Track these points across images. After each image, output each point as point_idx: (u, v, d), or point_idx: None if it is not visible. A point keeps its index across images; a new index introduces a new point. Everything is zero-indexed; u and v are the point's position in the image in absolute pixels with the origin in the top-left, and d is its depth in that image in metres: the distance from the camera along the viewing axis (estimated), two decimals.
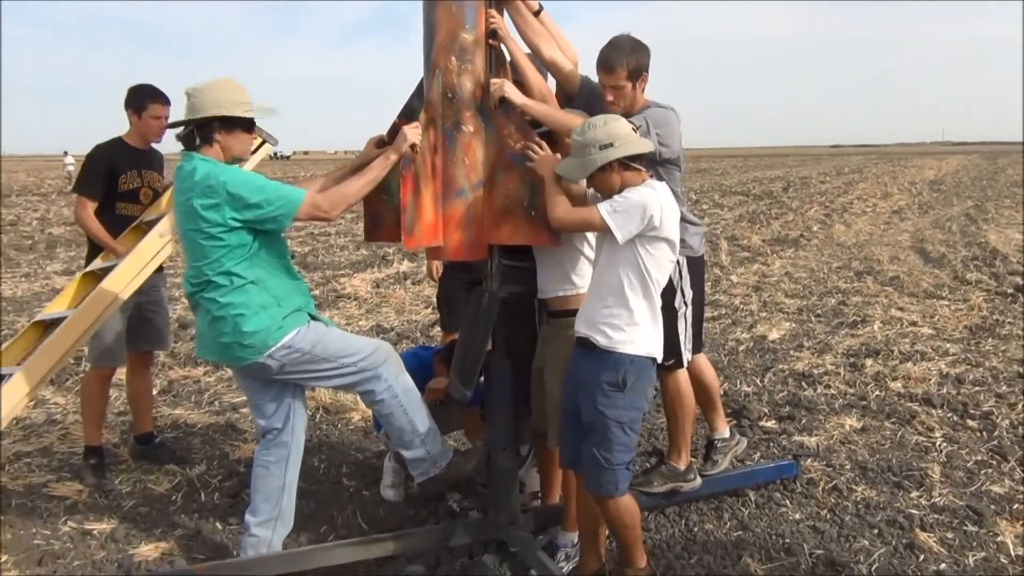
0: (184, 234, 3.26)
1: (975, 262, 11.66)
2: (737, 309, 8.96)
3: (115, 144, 4.50)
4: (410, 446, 3.51)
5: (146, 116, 4.44)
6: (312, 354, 3.29)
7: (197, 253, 3.20)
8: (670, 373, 3.83)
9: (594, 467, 3.04)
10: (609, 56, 3.48)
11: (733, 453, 4.22)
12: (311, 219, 3.26)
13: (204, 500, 4.29)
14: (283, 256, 3.38)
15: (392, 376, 3.42)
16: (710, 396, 4.15)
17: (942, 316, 8.32)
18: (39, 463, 4.75)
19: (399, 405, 3.44)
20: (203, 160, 3.20)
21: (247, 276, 3.19)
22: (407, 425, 3.47)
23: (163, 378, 6.39)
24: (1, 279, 11.28)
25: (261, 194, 3.13)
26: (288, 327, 3.24)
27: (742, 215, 19.58)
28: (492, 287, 3.42)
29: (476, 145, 3.28)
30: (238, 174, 3.18)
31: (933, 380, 6.12)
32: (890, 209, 21.16)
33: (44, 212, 22.57)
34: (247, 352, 3.21)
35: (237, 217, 3.12)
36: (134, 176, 4.46)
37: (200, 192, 3.12)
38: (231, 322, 3.18)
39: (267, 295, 3.23)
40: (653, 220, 2.93)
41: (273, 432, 3.47)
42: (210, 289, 3.20)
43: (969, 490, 4.31)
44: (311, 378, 3.42)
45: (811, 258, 12.65)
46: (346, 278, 11.10)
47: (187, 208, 3.16)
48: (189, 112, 3.24)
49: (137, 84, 4.51)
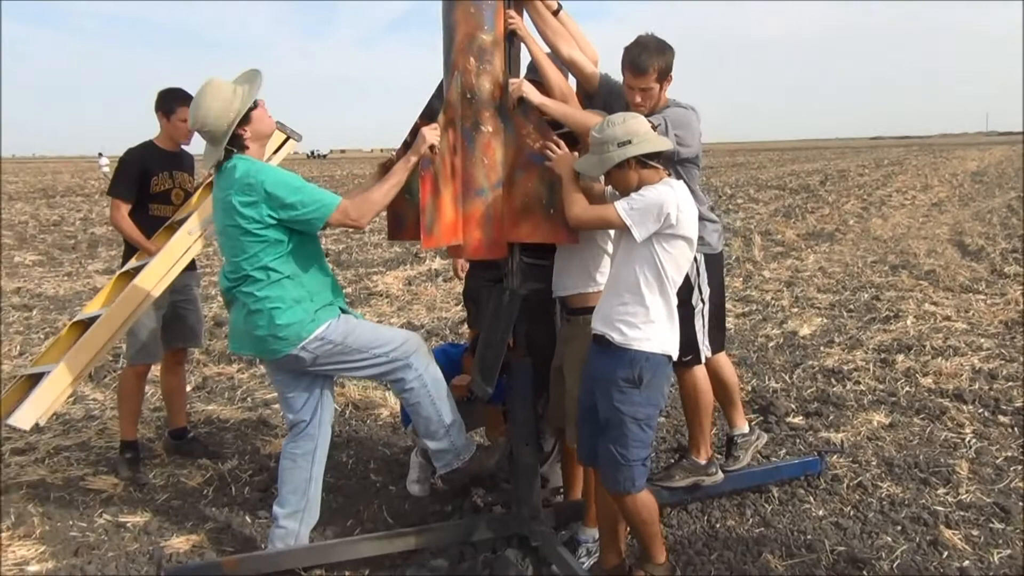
0: (222, 230, 3.34)
1: (1014, 255, 11.44)
2: (768, 305, 8.90)
3: (146, 147, 4.63)
4: (435, 436, 3.57)
5: (174, 119, 4.55)
6: (344, 345, 3.37)
7: (235, 248, 3.28)
8: (687, 369, 3.85)
9: (611, 463, 3.07)
10: (639, 58, 3.48)
11: (754, 448, 4.22)
12: (341, 225, 3.32)
13: (235, 494, 4.40)
14: (317, 253, 3.46)
15: (422, 366, 3.50)
16: (729, 393, 4.15)
17: (977, 311, 8.19)
18: (77, 457, 4.90)
19: (427, 395, 3.51)
20: (242, 159, 3.29)
21: (283, 271, 3.28)
22: (434, 415, 3.54)
23: (197, 375, 6.53)
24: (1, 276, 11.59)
25: (297, 195, 3.20)
26: (320, 320, 3.33)
27: (777, 209, 19.39)
28: (513, 285, 3.46)
29: (495, 145, 3.32)
30: (277, 173, 3.25)
31: (965, 376, 6.04)
32: (929, 202, 20.82)
33: (87, 212, 23.05)
34: (281, 344, 3.30)
35: (273, 215, 3.20)
36: (165, 178, 4.58)
37: (239, 189, 3.20)
38: (267, 315, 3.26)
39: (302, 289, 3.32)
40: (670, 218, 2.94)
41: (301, 424, 3.55)
42: (248, 283, 3.29)
43: (998, 487, 4.27)
44: (344, 368, 3.49)
45: (846, 252, 12.51)
46: (379, 276, 11.22)
47: (226, 204, 3.25)
48: (213, 143, 3.27)
49: (166, 88, 4.62)
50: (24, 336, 8.03)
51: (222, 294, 3.48)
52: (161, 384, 5.08)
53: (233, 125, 3.23)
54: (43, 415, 3.80)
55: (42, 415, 3.79)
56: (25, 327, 8.45)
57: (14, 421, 3.72)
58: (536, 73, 3.52)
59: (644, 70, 3.48)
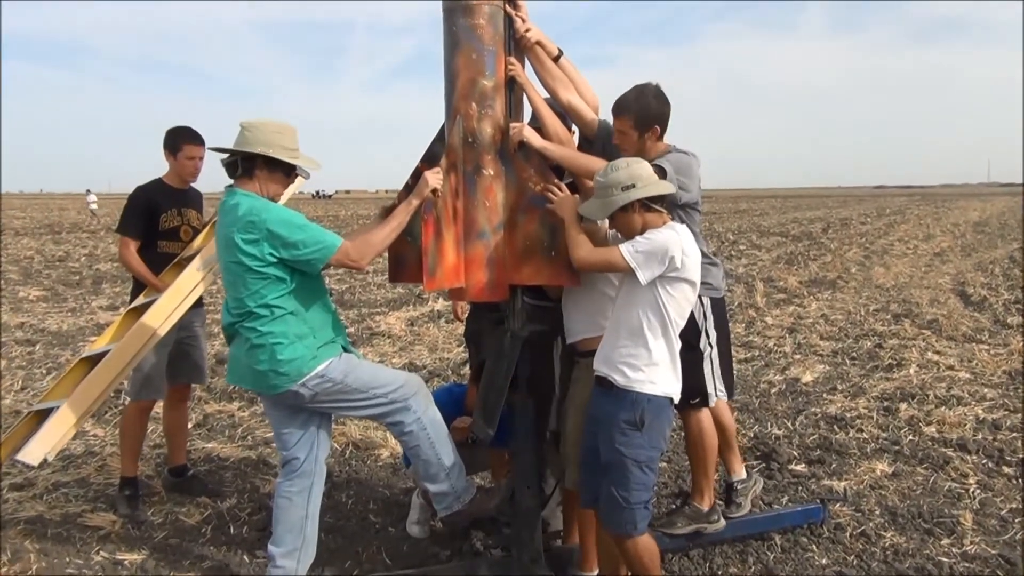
0: (225, 266, 3.38)
1: (1017, 305, 11.45)
2: (771, 351, 8.90)
3: (155, 184, 4.69)
4: (435, 479, 3.55)
5: (181, 157, 4.63)
6: (344, 384, 3.37)
7: (238, 284, 3.31)
8: (693, 413, 3.84)
9: (612, 506, 3.05)
10: (619, 101, 3.59)
11: (752, 493, 4.20)
12: (342, 266, 3.35)
13: (233, 533, 4.37)
14: (321, 290, 3.48)
15: (421, 408, 3.49)
16: (727, 437, 4.14)
17: (981, 360, 8.17)
18: (76, 493, 4.88)
19: (427, 438, 3.49)
20: (246, 195, 3.33)
21: (286, 307, 3.30)
22: (433, 458, 3.52)
23: (199, 412, 6.52)
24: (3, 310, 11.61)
25: (300, 234, 3.23)
26: (322, 357, 3.34)
27: (780, 256, 19.46)
28: (514, 327, 3.47)
29: (496, 188, 3.36)
30: (280, 212, 3.28)
31: (969, 425, 6.02)
32: (932, 251, 20.88)
33: (92, 248, 23.18)
34: (281, 380, 3.30)
35: (275, 254, 3.24)
36: (174, 215, 4.63)
37: (242, 227, 3.24)
38: (269, 350, 3.28)
39: (304, 326, 3.33)
40: (675, 261, 2.97)
41: (295, 462, 3.53)
42: (251, 319, 3.30)
43: (1003, 538, 4.23)
44: (343, 407, 3.49)
45: (848, 300, 12.52)
46: (381, 316, 11.23)
47: (228, 241, 3.29)
48: (238, 143, 3.37)
49: (174, 126, 4.69)
50: (27, 371, 8.03)
51: (224, 328, 3.49)
52: (163, 420, 5.06)
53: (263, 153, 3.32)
54: (51, 451, 3.80)
55: (50, 451, 3.79)
56: (28, 362, 8.46)
57: (23, 456, 3.72)
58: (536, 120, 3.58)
59: (618, 112, 3.59)
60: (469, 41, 3.28)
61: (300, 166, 3.46)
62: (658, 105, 3.61)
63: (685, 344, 3.77)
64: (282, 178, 3.45)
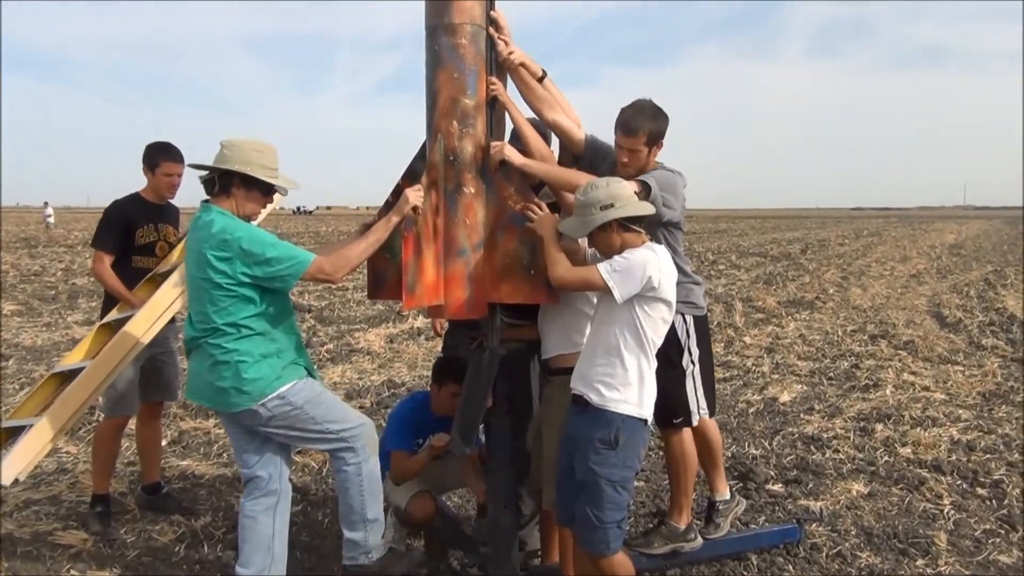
0: (193, 280, 3.36)
1: (991, 327, 11.59)
2: (749, 371, 8.94)
3: (132, 199, 4.66)
4: (352, 527, 3.53)
5: (159, 173, 4.60)
6: (302, 410, 3.37)
7: (204, 300, 3.30)
8: (676, 431, 3.85)
9: (586, 525, 3.05)
10: (631, 119, 3.59)
11: (733, 515, 4.21)
12: (315, 280, 3.35)
13: (207, 551, 4.31)
14: (288, 311, 3.48)
15: (364, 456, 3.49)
16: (713, 456, 4.15)
17: (955, 382, 8.25)
18: (47, 511, 4.80)
19: (358, 484, 3.48)
20: (221, 213, 3.32)
21: (254, 327, 3.30)
22: (358, 507, 3.50)
23: (174, 429, 6.45)
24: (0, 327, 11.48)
25: (273, 251, 3.23)
26: (286, 378, 3.34)
27: (758, 276, 19.59)
28: (492, 344, 3.47)
29: (477, 206, 3.37)
30: (253, 232, 3.29)
31: (943, 447, 6.07)
32: (908, 273, 21.10)
33: (69, 263, 22.94)
34: (242, 399, 3.29)
35: (247, 272, 3.23)
36: (150, 230, 4.60)
37: (214, 244, 3.23)
38: (233, 367, 3.26)
39: (271, 345, 3.33)
40: (652, 281, 2.99)
41: (258, 480, 3.50)
42: (216, 335, 3.29)
43: (976, 559, 4.26)
44: (293, 435, 3.47)
45: (826, 321, 12.62)
46: (360, 332, 11.19)
47: (199, 257, 3.28)
48: (217, 160, 3.37)
49: (153, 142, 4.65)
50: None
51: (185, 342, 3.46)
52: (136, 438, 5.01)
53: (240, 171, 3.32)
54: (24, 470, 3.74)
55: (23, 470, 3.74)
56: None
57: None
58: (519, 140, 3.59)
59: (634, 131, 3.58)
60: (451, 60, 3.30)
61: (277, 185, 3.46)
62: (664, 121, 3.67)
63: (667, 362, 3.79)
64: (259, 197, 3.45)
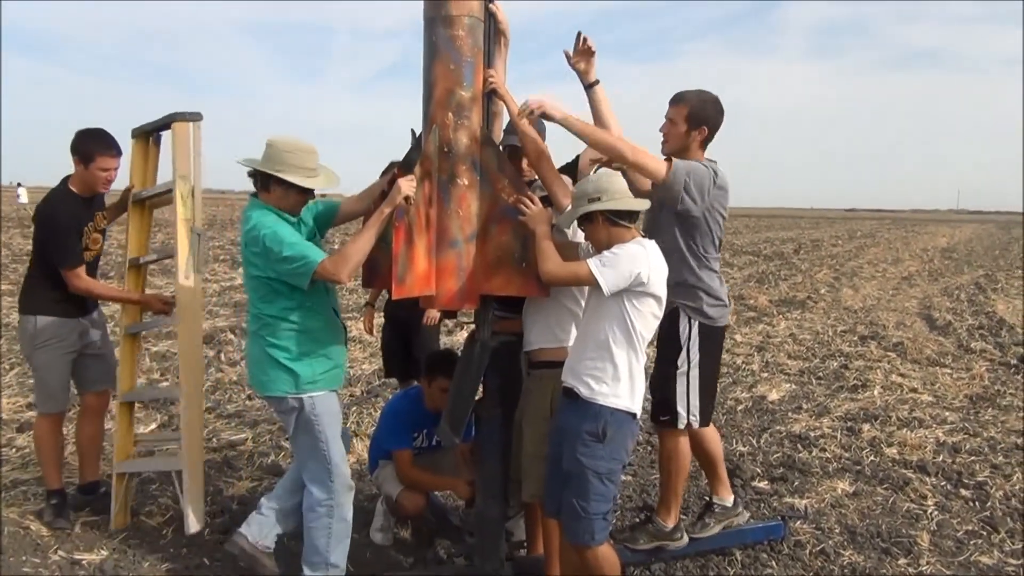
0: (245, 272, 3.49)
1: (980, 331, 11.64)
2: (739, 368, 8.98)
3: (68, 201, 4.24)
4: (313, 567, 3.57)
5: (93, 167, 4.17)
6: (314, 423, 3.45)
7: (254, 292, 3.44)
8: (670, 433, 3.87)
9: (572, 516, 3.08)
10: (681, 92, 3.73)
11: (728, 523, 4.19)
12: (326, 280, 3.37)
13: (194, 535, 4.32)
14: (325, 308, 3.54)
15: (339, 500, 3.53)
16: (713, 466, 4.16)
17: (943, 384, 8.31)
18: (35, 491, 4.78)
19: (327, 527, 3.53)
20: (258, 208, 3.42)
21: (296, 323, 3.41)
22: (323, 548, 3.54)
23: (163, 413, 6.46)
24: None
25: (288, 251, 3.28)
26: (321, 385, 3.46)
27: (751, 275, 19.66)
28: (484, 336, 3.49)
29: (470, 198, 3.38)
30: (276, 229, 3.33)
31: (929, 448, 6.11)
32: (900, 275, 21.17)
33: None
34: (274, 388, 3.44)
35: (273, 268, 3.32)
36: (92, 228, 4.35)
37: (249, 240, 3.37)
38: (274, 359, 3.42)
39: (314, 345, 3.45)
40: (640, 276, 3.00)
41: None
42: (264, 328, 3.43)
43: (958, 559, 4.30)
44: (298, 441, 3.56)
45: (817, 320, 12.66)
46: (352, 321, 11.17)
47: (244, 250, 3.44)
48: (261, 158, 3.43)
49: (87, 129, 4.20)
50: None
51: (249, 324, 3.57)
52: (76, 434, 4.74)
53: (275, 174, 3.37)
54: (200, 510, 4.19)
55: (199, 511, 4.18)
56: None
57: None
58: (513, 136, 3.58)
59: (677, 100, 3.71)
60: (448, 52, 3.31)
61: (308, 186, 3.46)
62: (714, 110, 3.73)
63: (662, 358, 3.81)
64: (296, 197, 3.47)
